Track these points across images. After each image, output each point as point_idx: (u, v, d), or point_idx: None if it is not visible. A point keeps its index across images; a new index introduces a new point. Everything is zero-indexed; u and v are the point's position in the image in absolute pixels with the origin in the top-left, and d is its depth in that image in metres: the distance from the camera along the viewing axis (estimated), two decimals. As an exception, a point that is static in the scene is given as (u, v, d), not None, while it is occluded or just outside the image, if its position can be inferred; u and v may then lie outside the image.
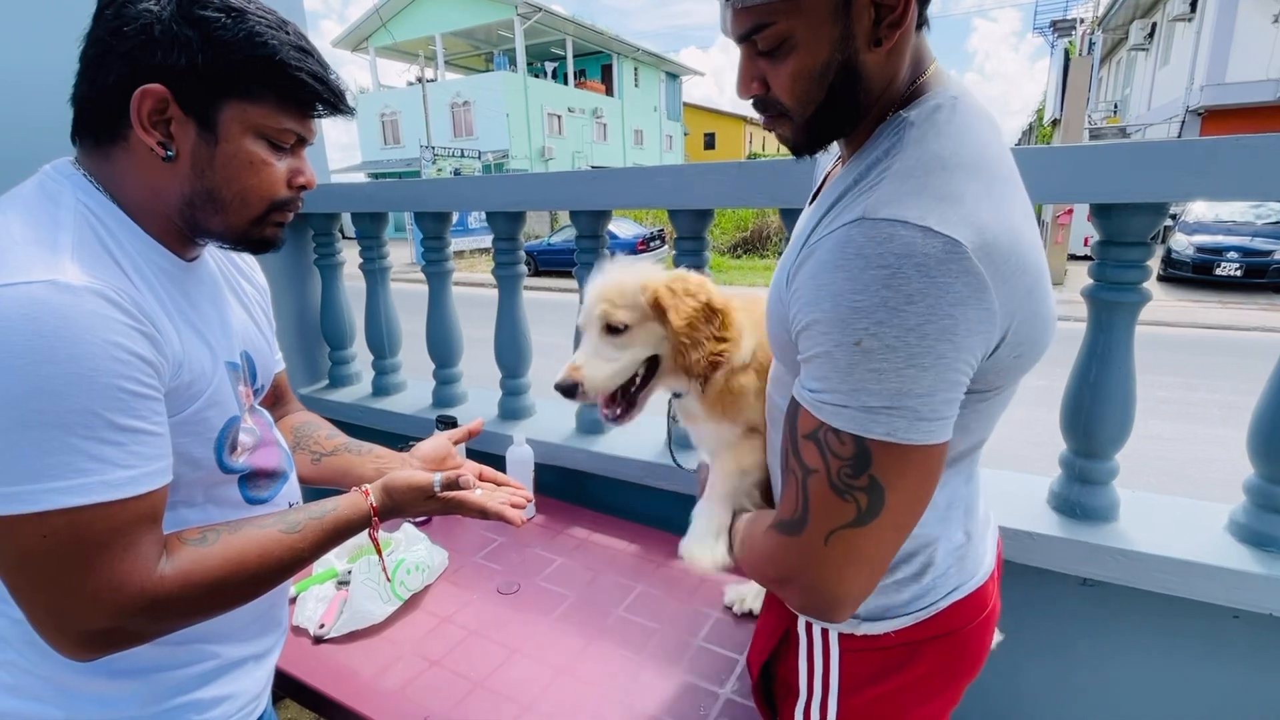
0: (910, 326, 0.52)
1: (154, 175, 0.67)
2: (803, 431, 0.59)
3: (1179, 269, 9.61)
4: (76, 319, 0.56)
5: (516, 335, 1.76)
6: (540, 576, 1.34)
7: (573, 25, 24.16)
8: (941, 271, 0.51)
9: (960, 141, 0.58)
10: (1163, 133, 14.24)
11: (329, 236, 2.07)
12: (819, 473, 0.58)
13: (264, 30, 0.65)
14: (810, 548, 0.59)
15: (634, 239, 13.45)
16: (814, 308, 0.56)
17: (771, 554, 0.65)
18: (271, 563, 0.70)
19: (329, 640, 1.16)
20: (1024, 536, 1.13)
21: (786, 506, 0.62)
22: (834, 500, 0.57)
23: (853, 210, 0.56)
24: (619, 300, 0.85)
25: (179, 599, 0.64)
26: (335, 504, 0.79)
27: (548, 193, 1.59)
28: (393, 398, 2.03)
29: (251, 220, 0.71)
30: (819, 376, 0.56)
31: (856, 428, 0.55)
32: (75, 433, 0.56)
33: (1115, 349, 1.09)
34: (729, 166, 1.31)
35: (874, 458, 0.55)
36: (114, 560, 0.60)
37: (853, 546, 0.58)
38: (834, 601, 0.60)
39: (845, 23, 0.56)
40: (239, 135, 0.67)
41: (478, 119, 23.15)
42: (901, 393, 0.53)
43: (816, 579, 0.60)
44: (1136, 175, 0.97)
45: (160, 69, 0.62)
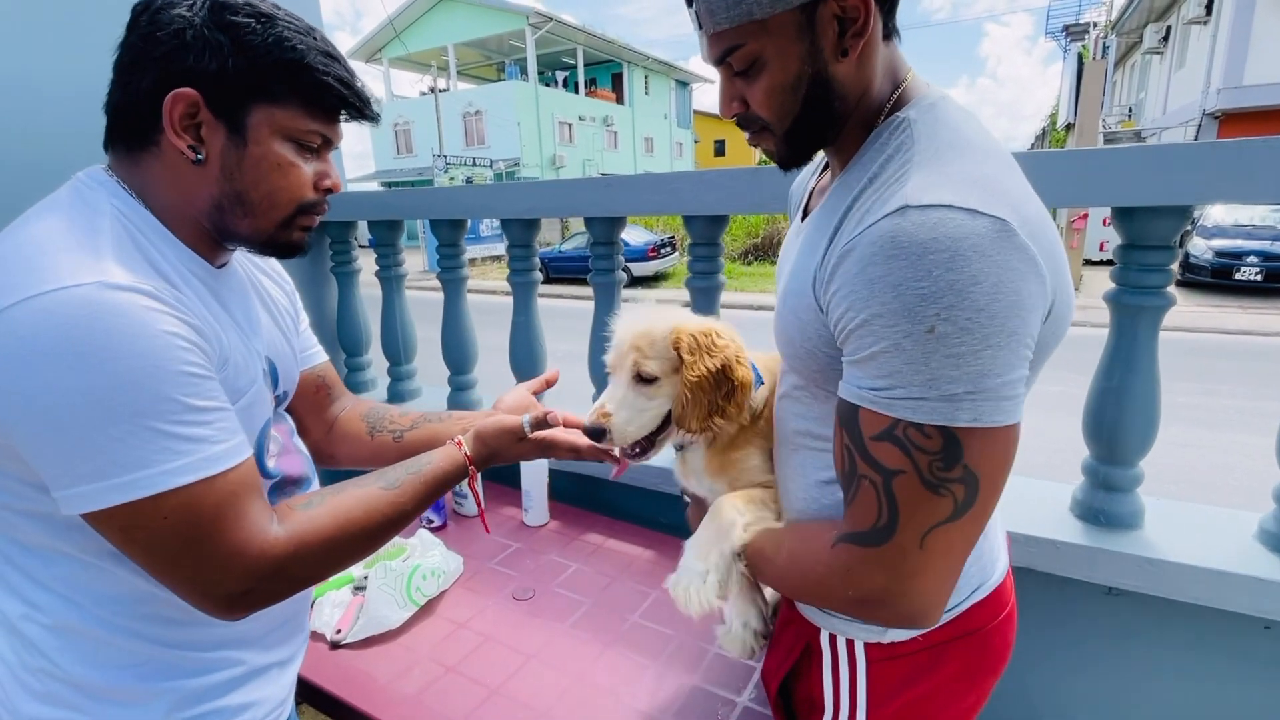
0: (980, 306, 0.51)
1: (184, 179, 0.68)
2: (870, 433, 0.57)
3: (1197, 273, 9.48)
4: (133, 313, 0.58)
5: (531, 343, 1.77)
6: (555, 583, 1.33)
7: (583, 35, 24.33)
8: (998, 249, 0.52)
9: (968, 130, 0.62)
10: (1179, 136, 14.08)
11: (346, 244, 2.09)
12: (906, 473, 0.55)
13: (292, 35, 0.67)
14: (902, 554, 0.57)
15: (645, 245, 13.47)
16: (870, 303, 0.54)
17: (847, 570, 0.60)
18: (377, 518, 0.73)
19: (345, 645, 1.16)
20: (1047, 544, 1.11)
21: (863, 515, 0.59)
22: (928, 498, 0.55)
23: (888, 203, 0.56)
24: (650, 350, 0.83)
25: (298, 558, 0.66)
26: (431, 458, 0.81)
27: (563, 200, 1.59)
28: (408, 404, 2.04)
29: (279, 223, 0.73)
30: (886, 372, 0.54)
31: (941, 418, 0.53)
32: (163, 419, 0.59)
33: (1139, 354, 1.08)
34: (743, 172, 1.31)
35: (965, 446, 0.53)
36: (230, 528, 0.62)
37: (949, 543, 0.57)
38: (931, 606, 0.59)
39: (811, 37, 0.60)
40: (267, 138, 0.68)
41: (489, 128, 23.34)
42: (982, 374, 0.52)
43: (911, 586, 0.57)
44: (1163, 178, 0.95)
45: (192, 73, 0.64)
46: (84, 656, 0.68)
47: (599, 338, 1.63)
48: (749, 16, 0.59)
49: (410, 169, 24.42)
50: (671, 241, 14.40)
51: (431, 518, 1.56)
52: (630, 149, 28.48)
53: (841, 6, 0.58)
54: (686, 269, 1.50)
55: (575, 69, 25.94)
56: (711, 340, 0.82)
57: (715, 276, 1.47)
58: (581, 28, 23.97)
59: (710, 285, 1.47)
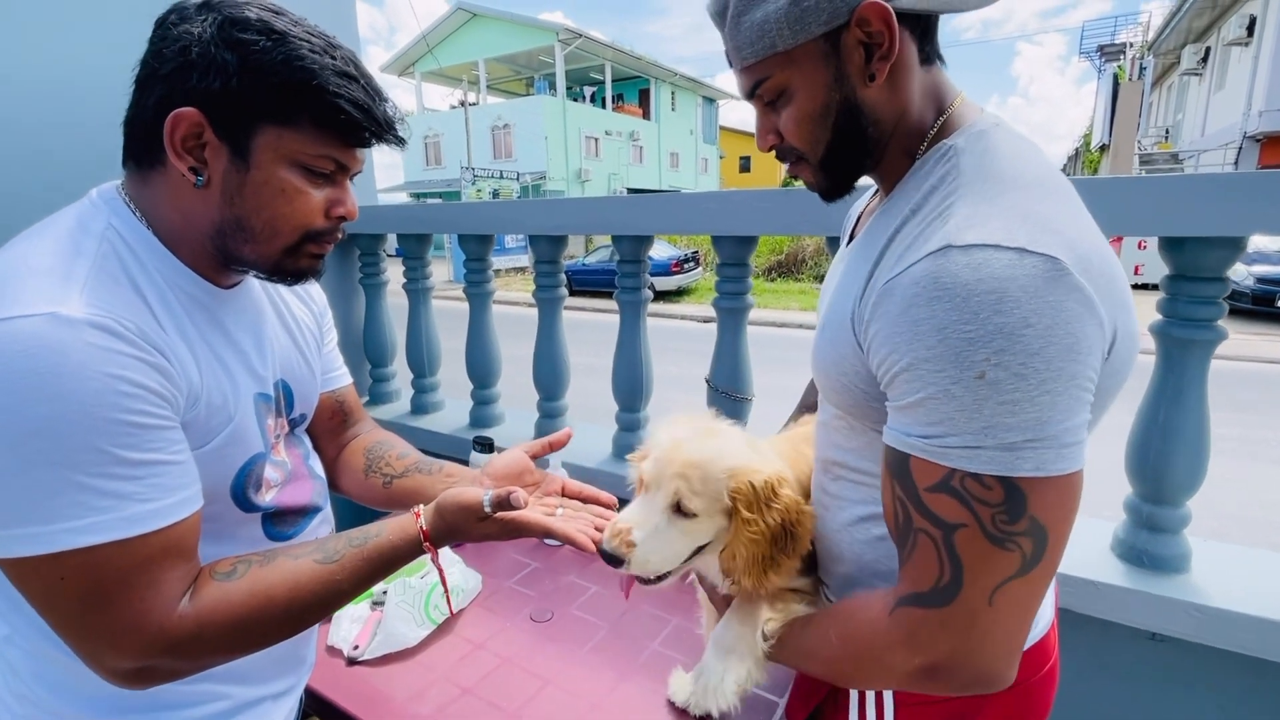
0: (1034, 351, 0.48)
1: (187, 202, 0.65)
2: (924, 485, 0.53)
3: (1238, 300, 9.21)
4: (73, 353, 0.54)
5: (555, 359, 1.76)
6: (574, 605, 1.31)
7: (612, 51, 24.65)
8: (1049, 290, 0.49)
9: (1021, 161, 0.58)
10: (1218, 159, 13.77)
11: (375, 256, 2.11)
12: (967, 526, 0.52)
13: (305, 54, 0.63)
14: (969, 613, 0.53)
15: (668, 260, 13.50)
16: (914, 346, 0.52)
17: (911, 636, 0.56)
18: (304, 597, 0.65)
19: (362, 662, 1.15)
20: (1087, 585, 1.06)
21: (923, 574, 0.55)
22: (994, 553, 0.51)
23: (929, 241, 0.54)
24: (699, 486, 0.73)
25: (199, 640, 0.60)
26: (381, 529, 0.72)
27: (592, 217, 1.59)
28: (431, 416, 2.05)
29: (284, 250, 0.69)
30: (936, 420, 0.52)
31: (1000, 468, 0.50)
32: (83, 470, 0.54)
33: (1187, 389, 1.03)
34: (774, 193, 1.30)
35: (1029, 497, 0.50)
36: (134, 599, 0.57)
37: (1018, 599, 0.53)
38: (1004, 668, 0.55)
39: (837, 64, 0.59)
40: (271, 163, 0.64)
41: (517, 141, 23.69)
42: (1041, 422, 0.49)
43: (982, 649, 0.53)
44: (1217, 207, 0.92)
45: (196, 92, 0.60)
46: (58, 686, 0.66)
47: (625, 355, 1.63)
48: (773, 49, 0.59)
49: (439, 180, 24.84)
50: (695, 256, 14.42)
51: (451, 533, 1.55)
52: (656, 164, 28.66)
53: (866, 32, 0.57)
54: (715, 289, 1.49)
55: (603, 84, 26.24)
56: (774, 492, 0.73)
57: (743, 297, 1.46)
58: (610, 44, 24.28)
59: (738, 306, 1.46)
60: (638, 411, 1.66)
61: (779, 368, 5.33)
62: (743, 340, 1.48)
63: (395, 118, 0.70)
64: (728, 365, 1.47)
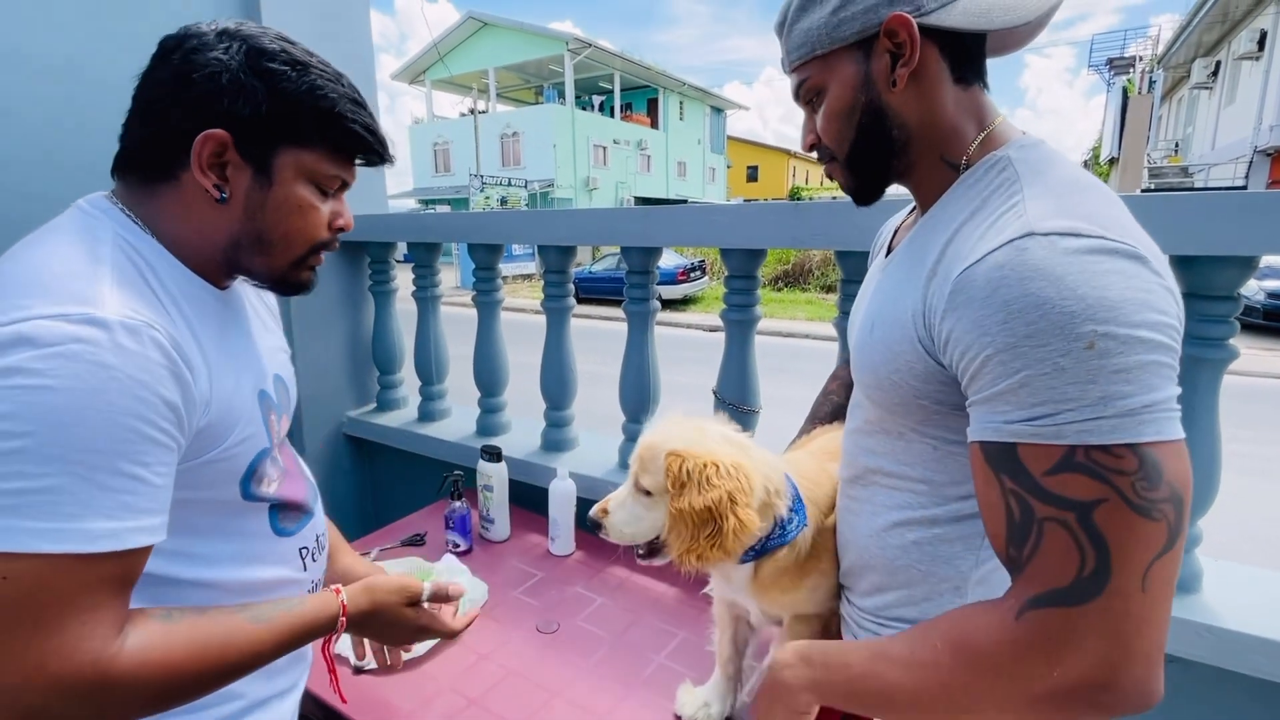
0: (1135, 321, 0.48)
1: (204, 215, 0.68)
2: (1040, 471, 0.50)
3: (1249, 315, 9.15)
4: (105, 355, 0.55)
5: (563, 368, 1.77)
6: (580, 617, 1.31)
7: (621, 60, 24.79)
8: (1135, 271, 0.50)
9: (1075, 169, 0.60)
10: (1229, 173, 13.71)
11: (385, 264, 2.13)
12: (1108, 501, 0.48)
13: (325, 84, 0.68)
14: (1124, 603, 0.47)
15: (674, 269, 13.52)
16: (1010, 325, 0.50)
17: (1047, 641, 0.49)
18: (233, 654, 0.63)
19: (368, 671, 1.15)
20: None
21: (1057, 567, 0.49)
22: (1142, 524, 0.48)
23: (1004, 232, 0.54)
24: (647, 465, 0.82)
25: (131, 681, 0.56)
26: (304, 601, 0.73)
27: (602, 228, 1.60)
28: (438, 424, 2.05)
29: (292, 262, 0.74)
30: (1044, 399, 0.49)
31: (1128, 435, 0.48)
32: (72, 471, 0.52)
33: (1198, 407, 1.03)
34: (785, 207, 1.30)
35: (1163, 462, 0.48)
36: (71, 623, 0.53)
37: (1167, 579, 0.48)
38: (1153, 675, 0.48)
39: (866, 69, 0.64)
40: (291, 180, 0.69)
41: (525, 149, 23.82)
42: (1152, 387, 0.48)
43: (1137, 646, 0.47)
44: (1228, 226, 0.91)
45: (226, 115, 0.64)
46: None
47: (632, 366, 1.63)
48: (813, 53, 0.66)
49: (447, 187, 24.98)
50: (702, 265, 14.44)
51: (457, 541, 1.55)
52: (663, 173, 28.76)
53: (894, 43, 0.62)
54: (723, 300, 1.49)
55: (612, 93, 26.39)
56: (706, 475, 0.76)
57: (751, 310, 1.46)
58: (619, 54, 24.43)
59: (746, 318, 1.46)
60: (644, 422, 1.66)
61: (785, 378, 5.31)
62: (750, 352, 1.48)
63: (389, 140, 0.77)
64: (735, 377, 1.48)
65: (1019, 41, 0.69)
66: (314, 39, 2.14)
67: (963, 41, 0.64)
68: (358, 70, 2.10)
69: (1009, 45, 0.70)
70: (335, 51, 2.27)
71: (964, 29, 0.61)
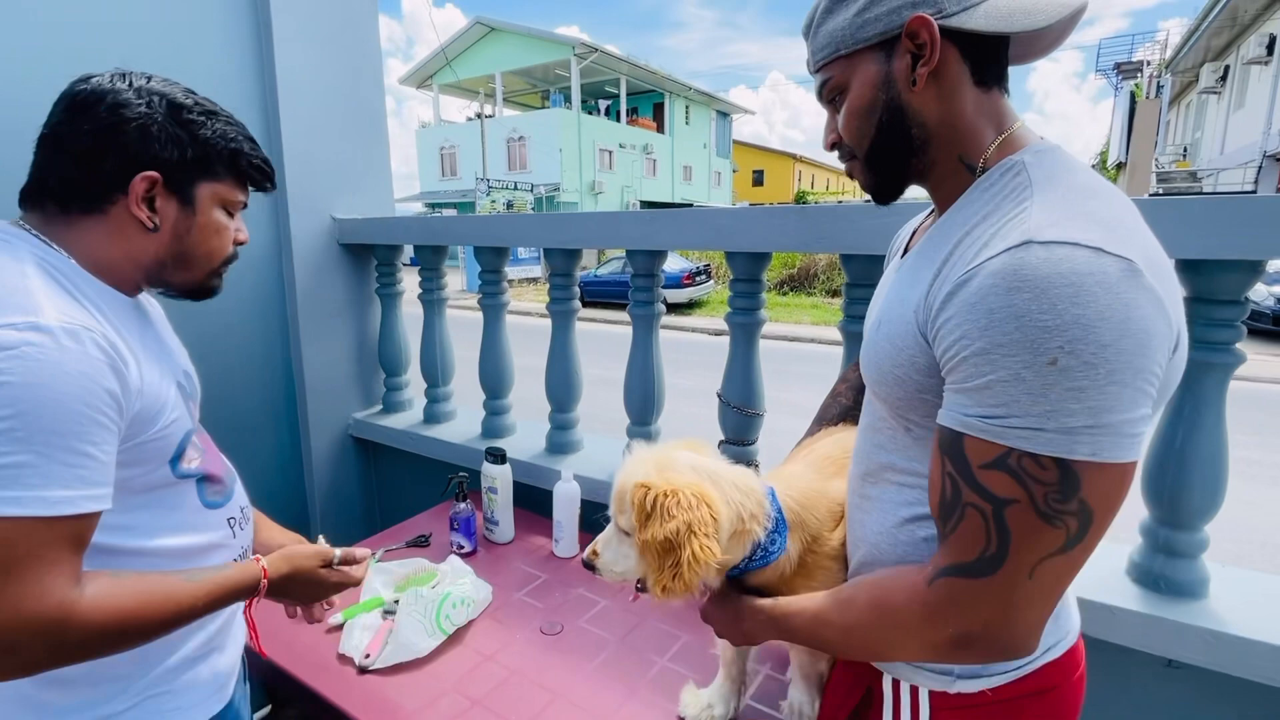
0: (1106, 343, 0.51)
1: (134, 241, 0.80)
2: (979, 462, 0.56)
3: (1258, 320, 9.08)
4: (53, 354, 0.64)
5: (568, 371, 1.78)
6: (584, 619, 1.31)
7: (627, 65, 24.87)
8: (1124, 288, 0.52)
9: (1087, 175, 0.61)
10: (1238, 178, 13.63)
11: (391, 267, 2.14)
12: (1019, 502, 0.55)
13: (228, 128, 0.84)
14: (1010, 585, 0.57)
15: (680, 273, 13.53)
16: (989, 332, 0.54)
17: (948, 604, 0.59)
18: (171, 606, 0.73)
19: (373, 671, 1.16)
20: (1101, 609, 1.05)
21: (968, 545, 0.58)
22: (1043, 528, 0.55)
23: (1007, 238, 0.56)
24: (621, 503, 0.84)
25: (89, 624, 0.66)
26: (229, 566, 0.85)
27: (606, 232, 1.61)
28: (443, 426, 2.06)
29: (209, 273, 0.88)
30: (1002, 402, 0.54)
31: (1059, 450, 0.53)
32: (35, 450, 0.63)
33: (1204, 412, 1.03)
34: (789, 211, 1.31)
35: (1083, 480, 0.53)
36: (37, 573, 0.63)
37: (1056, 575, 0.57)
38: (1031, 638, 0.59)
39: (887, 69, 0.66)
40: (209, 208, 0.84)
41: (532, 153, 23.90)
42: (1104, 410, 0.52)
43: (1016, 618, 0.58)
44: (1236, 230, 0.91)
45: (156, 159, 0.78)
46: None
47: (637, 369, 1.63)
48: (837, 52, 0.68)
49: (454, 191, 25.08)
50: (707, 269, 14.44)
51: (462, 543, 1.56)
52: (669, 177, 28.81)
53: (915, 44, 0.64)
54: (728, 304, 1.50)
55: (618, 98, 26.47)
56: (666, 506, 0.77)
57: (756, 313, 1.46)
58: (625, 58, 24.51)
59: (750, 321, 1.46)
60: (649, 425, 1.67)
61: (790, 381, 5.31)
62: (755, 356, 1.49)
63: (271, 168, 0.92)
64: (739, 380, 1.48)
65: (1041, 50, 0.70)
66: (324, 45, 2.16)
67: (984, 44, 0.65)
68: (366, 74, 2.12)
69: (1031, 53, 0.71)
70: (344, 56, 2.28)
71: (985, 31, 0.62)
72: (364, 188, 2.14)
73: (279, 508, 2.05)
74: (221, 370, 1.85)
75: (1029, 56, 0.71)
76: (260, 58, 1.84)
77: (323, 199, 2.02)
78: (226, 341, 1.86)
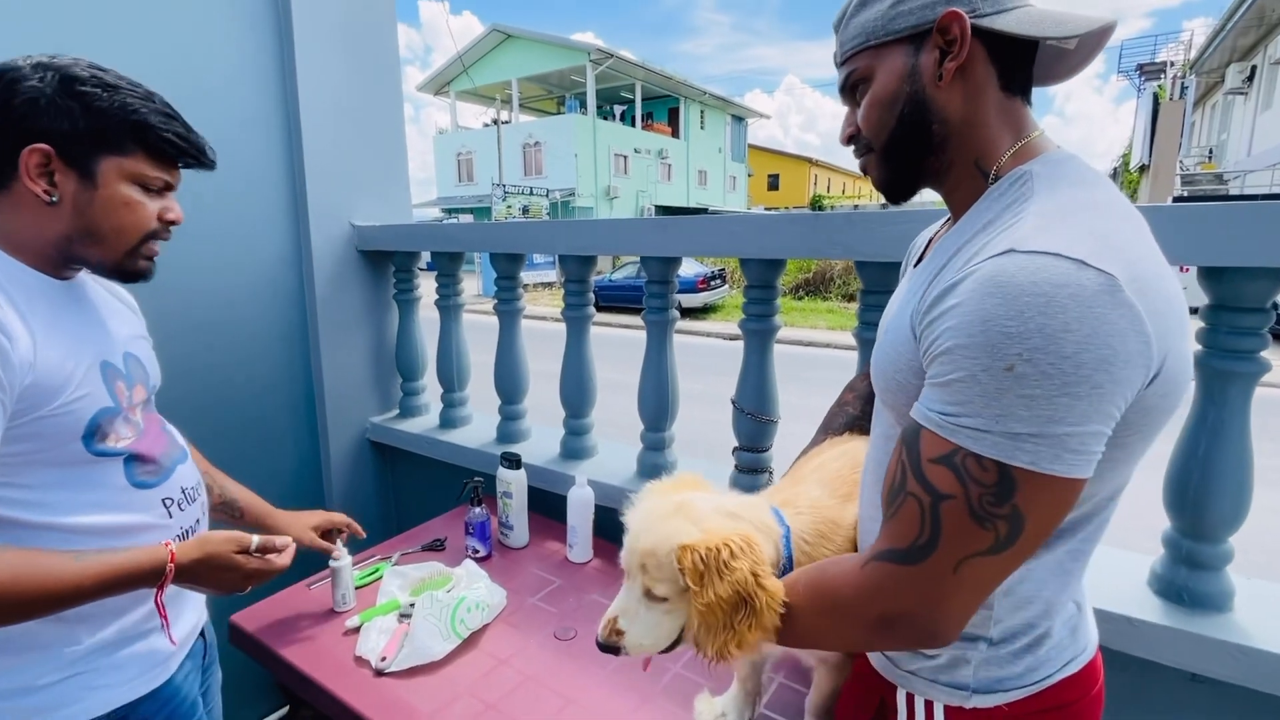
0: (1067, 354, 0.51)
1: (38, 215, 0.81)
2: (929, 455, 0.57)
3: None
4: None
5: (583, 376, 1.78)
6: (598, 623, 1.31)
7: (642, 70, 24.95)
8: (1098, 303, 0.51)
9: (1091, 187, 0.61)
10: (1265, 180, 13.35)
11: (409, 273, 2.16)
12: (955, 499, 0.56)
13: (133, 101, 0.82)
14: (935, 575, 0.58)
15: (694, 278, 13.52)
16: (960, 332, 0.55)
17: (877, 587, 0.61)
18: (52, 584, 0.73)
19: (389, 674, 1.17)
20: (1122, 621, 1.03)
21: (903, 532, 0.59)
22: (972, 527, 0.56)
23: (998, 245, 0.57)
24: (658, 573, 0.75)
25: None
26: (132, 549, 0.82)
27: (621, 238, 1.62)
28: (459, 430, 2.08)
29: (127, 250, 0.86)
30: (958, 400, 0.55)
31: (1000, 454, 0.53)
32: None
33: (1229, 422, 1.01)
34: (804, 217, 1.31)
35: (1019, 487, 0.54)
36: None
37: (981, 575, 0.57)
38: (949, 631, 0.60)
39: (915, 62, 0.66)
40: (114, 182, 0.82)
41: (547, 159, 24.05)
42: (1052, 420, 0.52)
43: (937, 609, 0.59)
44: (1260, 236, 0.90)
45: (47, 132, 0.78)
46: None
47: (651, 376, 1.64)
48: (866, 43, 0.68)
49: (470, 196, 25.30)
50: (722, 274, 14.42)
51: (477, 547, 1.57)
52: (684, 181, 28.82)
53: (945, 40, 0.64)
54: (742, 310, 1.50)
55: (633, 103, 26.56)
56: (721, 561, 0.71)
57: (770, 320, 1.46)
58: (640, 63, 24.59)
59: (765, 328, 1.46)
60: (663, 431, 1.67)
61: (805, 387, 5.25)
62: (769, 362, 1.48)
63: (203, 144, 0.90)
64: (753, 387, 1.48)
65: (1065, 71, 0.70)
66: (344, 54, 2.18)
67: (1013, 49, 0.65)
68: (385, 82, 2.15)
69: (1055, 75, 0.71)
70: (364, 65, 2.31)
71: (1016, 34, 0.62)
72: (382, 194, 2.17)
73: (297, 509, 2.08)
74: (244, 375, 1.89)
75: (1052, 78, 0.71)
76: (282, 66, 1.88)
77: (342, 206, 2.05)
78: (249, 347, 1.90)
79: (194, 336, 1.75)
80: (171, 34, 1.65)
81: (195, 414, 1.74)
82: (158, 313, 1.10)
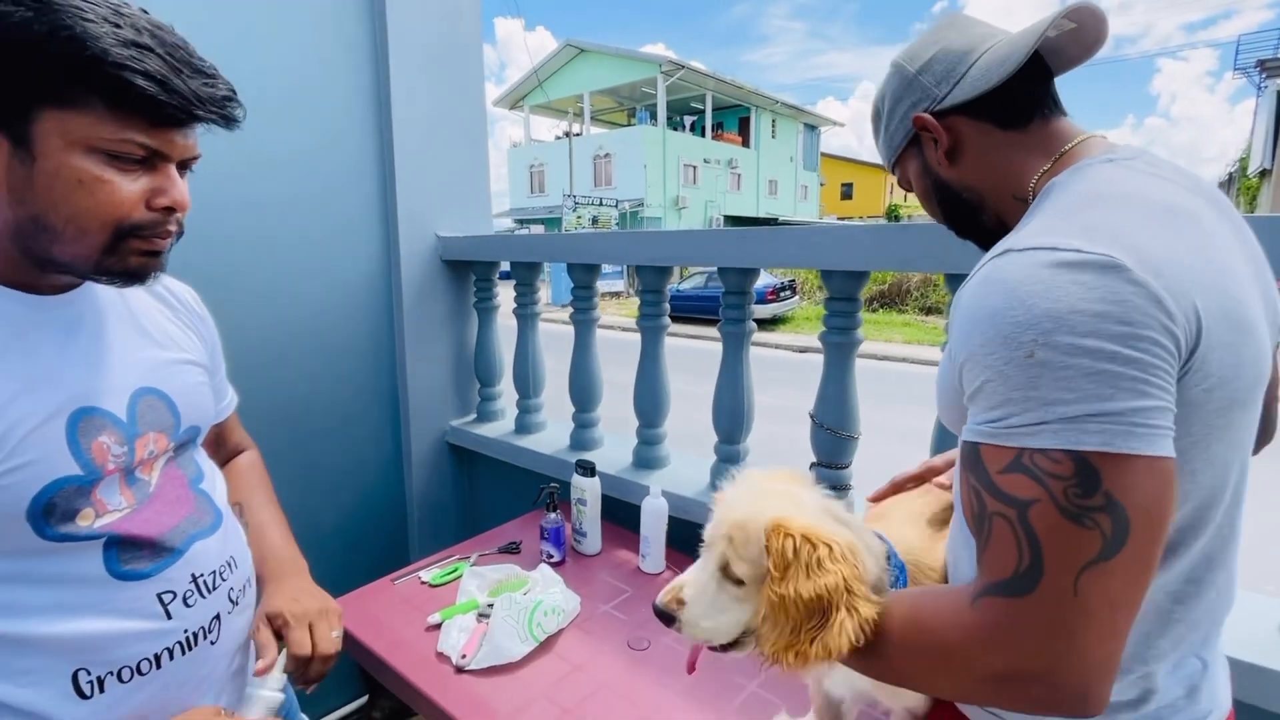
0: (1084, 333, 0.49)
1: None
2: (995, 468, 0.53)
3: None
4: None
5: (657, 386, 1.79)
6: (670, 636, 1.30)
7: (713, 80, 24.98)
8: (1102, 280, 0.50)
9: (1112, 183, 0.60)
10: None
11: (488, 282, 2.24)
12: (1040, 502, 0.49)
13: (77, 22, 0.52)
14: (1054, 603, 0.48)
15: (764, 289, 13.35)
16: (971, 336, 0.55)
17: (996, 629, 0.51)
18: None
19: (468, 671, 1.20)
20: (1253, 671, 0.94)
21: (1002, 559, 0.51)
22: (1070, 528, 0.48)
23: (995, 250, 0.58)
24: (742, 548, 0.67)
25: None
26: None
27: (698, 249, 1.62)
28: (534, 436, 2.13)
29: (99, 249, 0.60)
30: (997, 403, 0.53)
31: (1065, 442, 0.49)
32: None
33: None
34: (887, 229, 1.27)
35: (1102, 472, 0.48)
36: None
37: (1107, 590, 0.48)
38: (1097, 679, 0.48)
39: (922, 159, 0.76)
40: (60, 150, 0.56)
41: (617, 170, 24.40)
42: (1101, 398, 0.49)
43: (1071, 648, 0.48)
44: None
45: None
46: None
47: (727, 387, 1.62)
48: (891, 160, 0.81)
49: (541, 207, 25.98)
50: (792, 285, 14.18)
51: (551, 552, 1.60)
52: (754, 191, 28.59)
53: (930, 135, 0.72)
54: (822, 323, 1.46)
55: (703, 113, 26.60)
56: (818, 557, 0.62)
57: (853, 333, 1.42)
58: (711, 74, 24.63)
59: (847, 341, 1.42)
60: (738, 443, 1.65)
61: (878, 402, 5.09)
62: (850, 376, 1.44)
63: (212, 93, 0.61)
64: (834, 401, 1.44)
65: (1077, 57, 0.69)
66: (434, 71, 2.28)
67: (990, 100, 0.68)
68: (470, 98, 2.25)
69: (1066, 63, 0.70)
70: (451, 81, 2.40)
71: (973, 98, 0.67)
72: (465, 206, 2.26)
73: (381, 510, 2.19)
74: (333, 376, 2.00)
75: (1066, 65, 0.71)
76: (377, 85, 1.99)
77: (428, 217, 2.15)
78: (338, 351, 2.01)
79: (286, 341, 1.85)
80: (276, 50, 1.77)
81: (283, 417, 1.86)
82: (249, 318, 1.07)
